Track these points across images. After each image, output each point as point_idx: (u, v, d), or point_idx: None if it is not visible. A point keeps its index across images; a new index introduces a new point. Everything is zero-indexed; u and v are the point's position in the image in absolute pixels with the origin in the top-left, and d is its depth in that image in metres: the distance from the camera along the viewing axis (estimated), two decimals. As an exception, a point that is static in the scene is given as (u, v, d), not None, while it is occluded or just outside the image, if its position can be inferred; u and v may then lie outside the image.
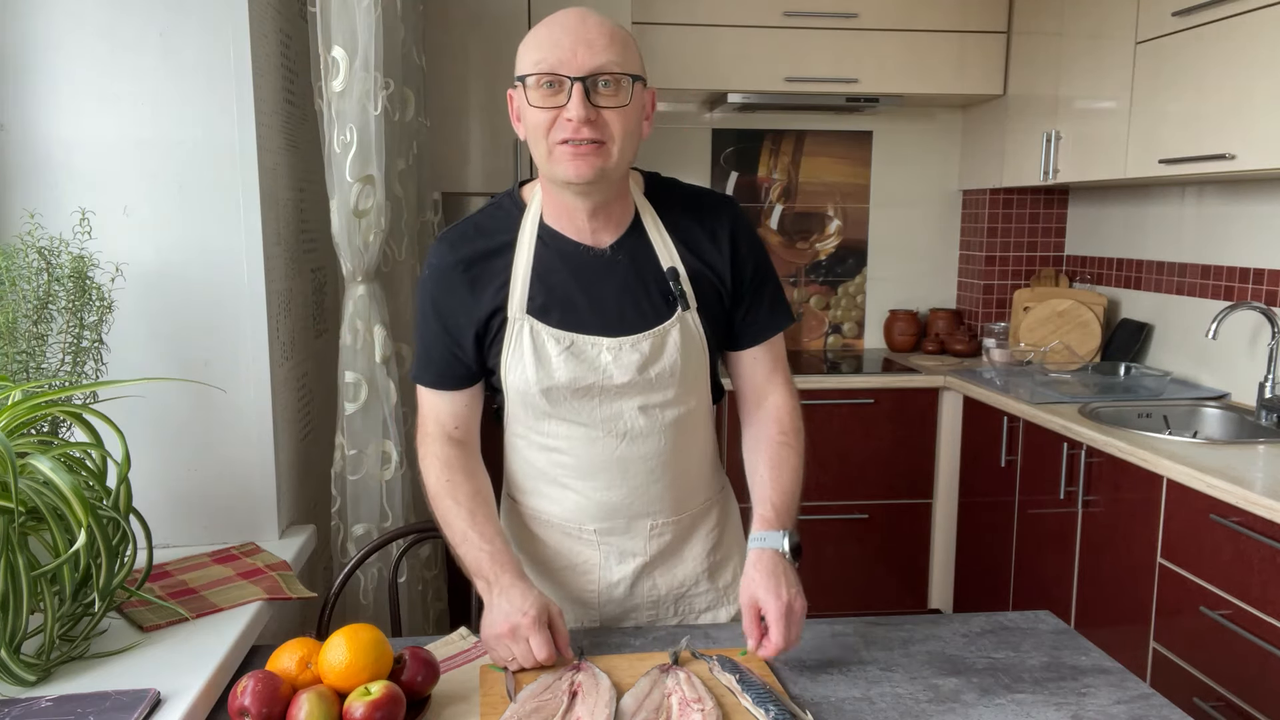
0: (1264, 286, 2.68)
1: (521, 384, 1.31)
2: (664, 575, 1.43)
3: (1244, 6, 2.30)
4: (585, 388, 1.30)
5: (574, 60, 1.17)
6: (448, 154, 3.07)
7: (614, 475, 1.35)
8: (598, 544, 1.40)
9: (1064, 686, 1.21)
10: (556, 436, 1.35)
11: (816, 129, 3.78)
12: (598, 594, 1.42)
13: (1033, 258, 3.74)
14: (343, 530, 1.94)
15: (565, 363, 1.28)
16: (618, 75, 1.18)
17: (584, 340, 1.29)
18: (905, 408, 3.29)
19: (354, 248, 1.86)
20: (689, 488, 1.41)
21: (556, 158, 1.20)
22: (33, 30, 1.52)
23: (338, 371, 1.90)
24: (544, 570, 1.43)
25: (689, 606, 1.46)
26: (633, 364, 1.29)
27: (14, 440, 1.17)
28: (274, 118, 1.73)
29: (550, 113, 1.19)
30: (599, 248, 1.31)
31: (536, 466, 1.39)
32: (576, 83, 1.16)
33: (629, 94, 1.20)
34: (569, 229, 1.31)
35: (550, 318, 1.29)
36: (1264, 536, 1.89)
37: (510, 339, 1.30)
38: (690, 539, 1.44)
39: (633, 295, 1.30)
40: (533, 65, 1.19)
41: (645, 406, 1.33)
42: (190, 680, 1.15)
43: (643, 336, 1.30)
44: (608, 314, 1.30)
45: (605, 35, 1.18)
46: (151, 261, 1.58)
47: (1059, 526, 2.66)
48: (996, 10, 3.40)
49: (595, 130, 1.18)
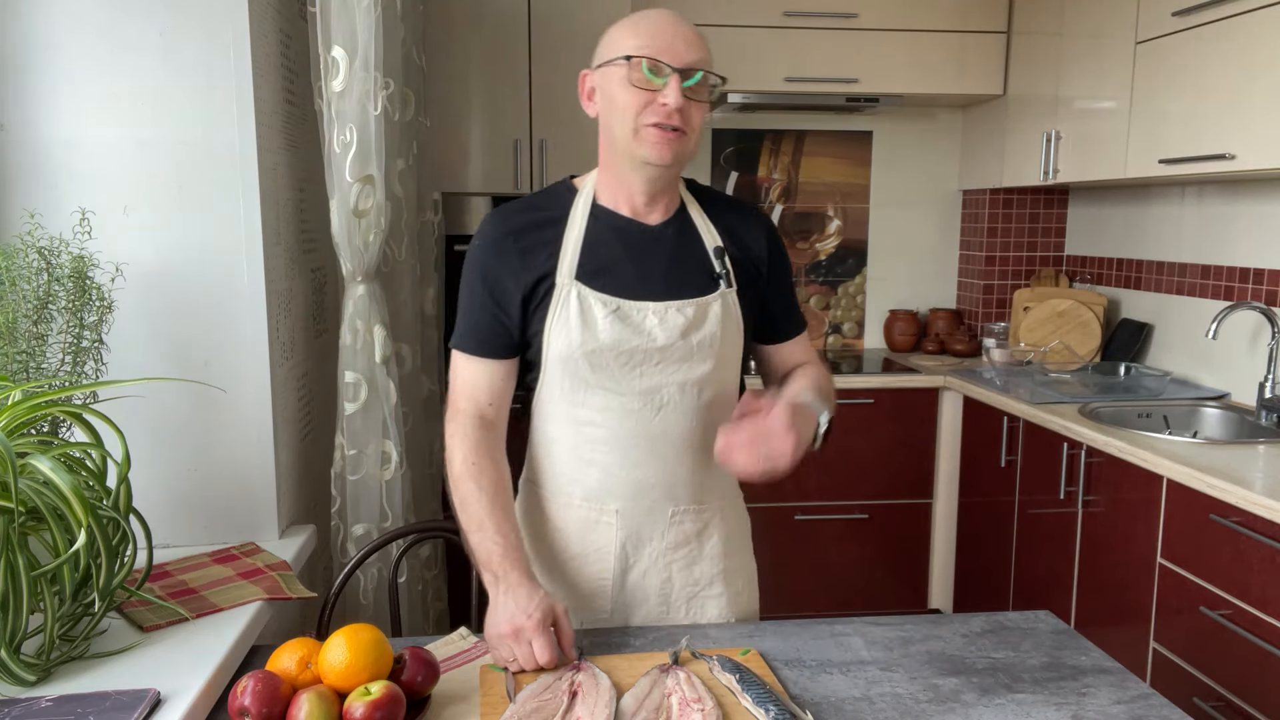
0: (1264, 286, 2.68)
1: (565, 348, 1.34)
2: (681, 569, 1.43)
3: (1244, 6, 2.30)
4: (629, 351, 1.34)
5: (675, 52, 1.27)
6: (448, 154, 3.07)
7: (644, 451, 1.37)
8: (617, 526, 1.39)
9: (1064, 686, 1.21)
10: (592, 408, 1.37)
11: (816, 129, 3.78)
12: (611, 581, 1.41)
13: (1033, 258, 3.74)
14: (343, 530, 1.94)
15: (611, 325, 1.33)
16: (708, 74, 1.30)
17: (630, 304, 1.34)
18: (905, 408, 3.29)
19: (354, 248, 1.86)
20: (711, 478, 1.43)
21: (643, 138, 1.29)
22: (33, 30, 1.52)
23: (338, 371, 1.90)
24: (559, 558, 1.43)
25: (700, 609, 1.45)
26: (676, 327, 1.34)
27: (14, 440, 1.17)
28: (274, 118, 1.73)
29: (646, 95, 1.28)
30: (649, 224, 1.39)
31: (565, 443, 1.40)
32: (676, 73, 1.27)
33: (709, 93, 1.32)
34: (624, 207, 1.38)
35: (598, 283, 1.34)
36: (1264, 536, 1.89)
37: (557, 304, 1.34)
38: (708, 534, 1.44)
39: (680, 267, 1.38)
40: (637, 49, 1.28)
41: (684, 383, 1.36)
42: (190, 680, 1.15)
43: (687, 303, 1.36)
44: (654, 281, 1.36)
45: (698, 37, 1.32)
46: (151, 261, 1.58)
47: (1059, 526, 2.66)
48: (996, 10, 3.41)
49: (681, 119, 1.28)
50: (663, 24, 1.30)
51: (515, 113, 3.08)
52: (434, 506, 2.70)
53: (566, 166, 3.12)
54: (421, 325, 2.50)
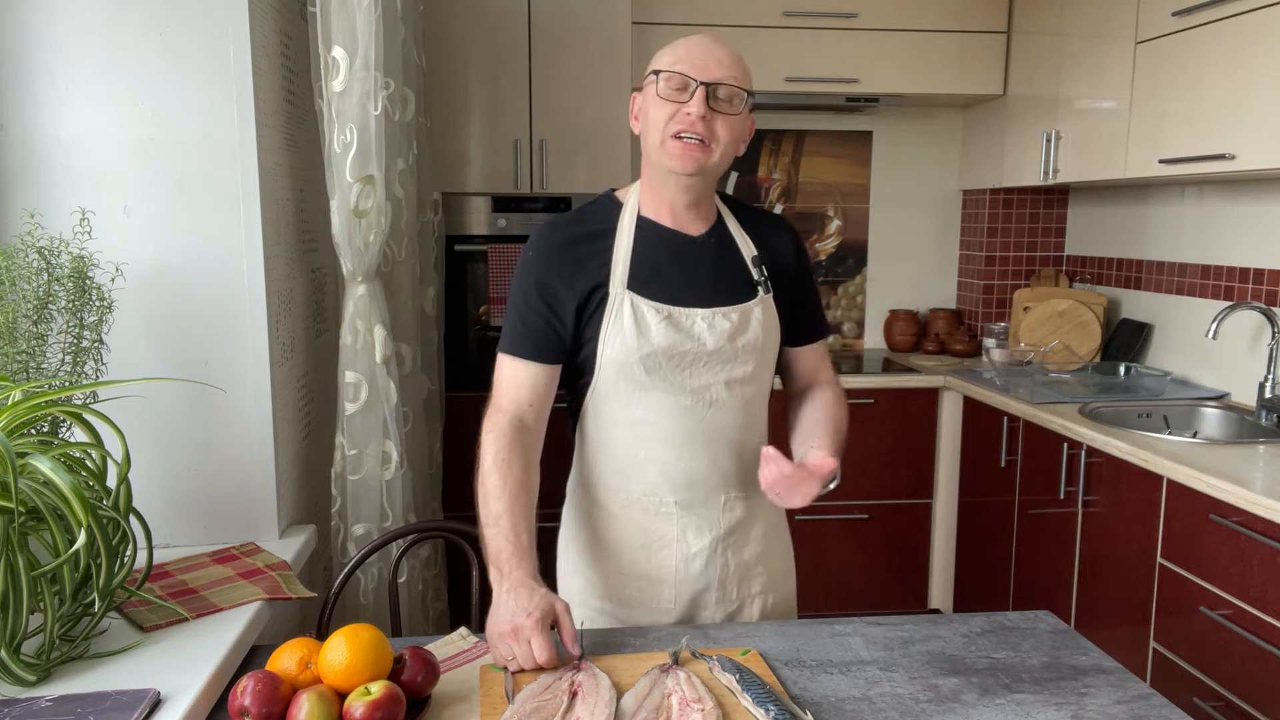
0: (1264, 286, 2.68)
1: (621, 354, 1.41)
2: (734, 553, 1.51)
3: (1244, 6, 2.30)
4: (680, 354, 1.42)
5: (704, 68, 1.35)
6: (448, 154, 3.07)
7: (698, 444, 1.45)
8: (677, 517, 1.47)
9: (1064, 686, 1.21)
10: (648, 408, 1.44)
11: (816, 129, 3.78)
12: (675, 569, 1.48)
13: (1033, 258, 3.74)
14: (343, 530, 1.94)
15: (663, 331, 1.41)
16: (735, 88, 1.37)
17: (680, 311, 1.42)
18: (905, 408, 3.29)
19: (354, 248, 1.86)
20: (752, 467, 1.49)
21: (668, 149, 1.37)
22: (33, 30, 1.52)
23: (338, 371, 1.90)
24: (623, 553, 1.49)
25: (748, 588, 1.53)
26: (724, 331, 1.43)
27: (14, 440, 1.17)
28: (274, 118, 1.73)
29: (673, 107, 1.36)
30: (692, 234, 1.47)
31: (623, 443, 1.46)
32: (701, 86, 1.34)
33: (741, 105, 1.38)
34: (666, 218, 1.46)
35: (649, 291, 1.42)
36: (1264, 536, 1.89)
37: (611, 312, 1.41)
38: (755, 519, 1.53)
39: (724, 276, 1.46)
40: (669, 65, 1.37)
41: (730, 381, 1.45)
42: (190, 680, 1.15)
43: (733, 309, 1.45)
44: (702, 289, 1.44)
45: (732, 57, 1.38)
46: (151, 261, 1.58)
47: (1059, 526, 2.66)
48: (996, 10, 3.41)
49: (705, 129, 1.35)
50: (698, 44, 1.38)
51: (515, 113, 3.08)
52: (434, 506, 2.70)
53: (566, 166, 3.13)
54: (422, 325, 2.50)
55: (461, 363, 3.17)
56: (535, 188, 3.13)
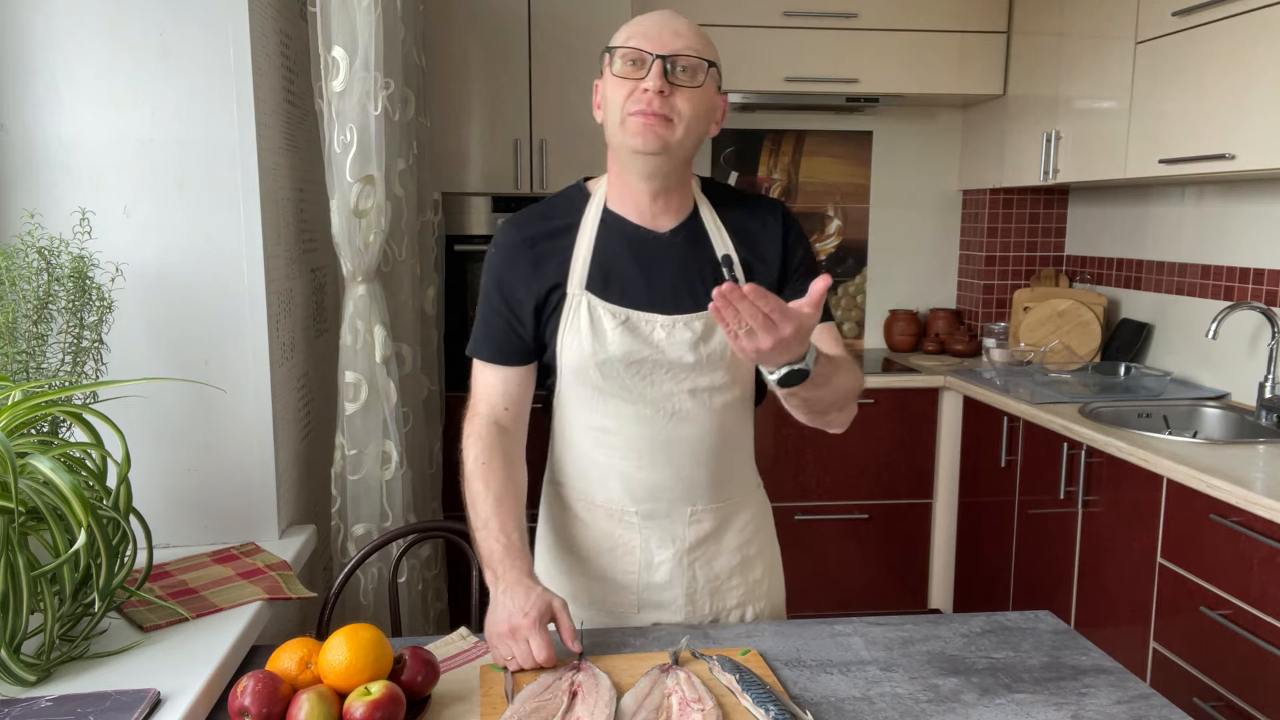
0: (1264, 286, 2.67)
1: (577, 358, 1.35)
2: (703, 565, 1.45)
3: (1244, 6, 2.30)
4: (638, 362, 1.34)
5: (659, 41, 1.27)
6: (448, 154, 3.07)
7: (659, 456, 1.38)
8: (639, 527, 1.42)
9: (1064, 686, 1.21)
10: (607, 415, 1.38)
11: (816, 129, 3.78)
12: (637, 576, 1.43)
13: (1033, 258, 3.74)
14: (343, 530, 1.94)
15: (620, 337, 1.33)
16: (695, 59, 1.28)
17: (639, 316, 1.34)
18: (905, 408, 3.29)
19: (354, 248, 1.86)
20: (729, 476, 1.44)
21: (628, 127, 1.28)
22: (33, 30, 1.52)
23: (338, 371, 1.90)
24: (587, 555, 1.45)
25: (722, 602, 1.47)
26: (685, 341, 1.34)
27: (14, 440, 1.17)
28: (274, 118, 1.73)
29: (630, 84, 1.28)
30: (659, 231, 1.37)
31: (584, 449, 1.42)
32: (657, 60, 1.26)
33: (703, 77, 1.29)
34: (632, 213, 1.37)
35: (608, 293, 1.35)
36: (1264, 536, 1.89)
37: (568, 313, 1.35)
38: (727, 529, 1.46)
39: (688, 278, 1.36)
40: (622, 40, 1.30)
41: (694, 390, 1.37)
42: (190, 680, 1.15)
43: (695, 316, 1.35)
44: (663, 293, 1.36)
45: (690, 28, 1.31)
46: (151, 261, 1.58)
47: (1059, 526, 2.66)
48: (996, 10, 3.40)
49: (666, 105, 1.26)
50: (652, 18, 1.31)
51: (515, 113, 3.08)
52: (434, 506, 2.70)
53: (566, 166, 3.12)
54: (421, 325, 2.50)
55: (461, 363, 3.14)
56: (535, 188, 3.13)
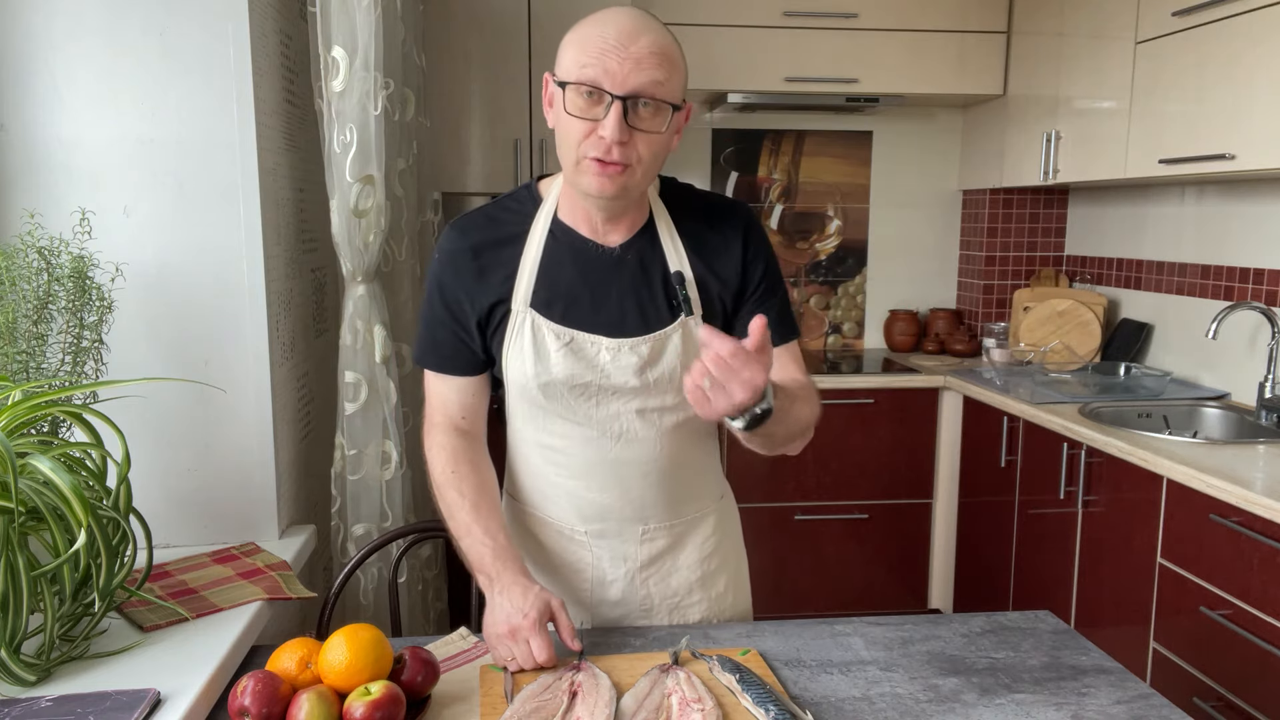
0: (1264, 286, 2.68)
1: (520, 377, 1.31)
2: (658, 583, 1.42)
3: (1244, 6, 2.30)
4: (582, 385, 1.29)
5: (619, 75, 1.13)
6: (448, 154, 3.07)
7: (607, 477, 1.35)
8: (590, 545, 1.40)
9: (1064, 686, 1.21)
10: (553, 434, 1.35)
11: (816, 129, 3.78)
12: (590, 594, 1.42)
13: (1033, 258, 3.74)
14: (343, 530, 1.94)
15: (564, 359, 1.28)
16: (659, 103, 1.16)
17: (584, 338, 1.28)
18: (905, 408, 3.29)
19: (354, 248, 1.86)
20: (684, 494, 1.41)
21: (582, 170, 1.19)
22: (33, 30, 1.51)
23: (338, 371, 1.90)
24: (542, 568, 1.43)
25: (682, 616, 1.45)
26: (630, 366, 1.28)
27: (14, 440, 1.17)
28: (274, 118, 1.73)
29: (586, 124, 1.16)
30: (608, 246, 1.31)
31: (533, 464, 1.40)
32: (617, 101, 1.13)
33: (665, 121, 1.18)
34: (582, 226, 1.31)
35: (552, 312, 1.29)
36: (1264, 536, 1.89)
37: (512, 331, 1.30)
38: (684, 545, 1.43)
39: (637, 297, 1.30)
40: (577, 70, 1.15)
41: (643, 410, 1.32)
42: (190, 680, 1.15)
43: (642, 340, 1.29)
44: (610, 313, 1.29)
45: (655, 55, 1.15)
46: (151, 261, 1.58)
47: (1059, 526, 2.66)
48: (996, 10, 3.40)
49: (624, 153, 1.16)
50: (612, 39, 1.14)
51: (515, 113, 3.08)
52: (434, 507, 2.70)
53: (566, 166, 3.12)
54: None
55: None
56: (535, 188, 3.13)
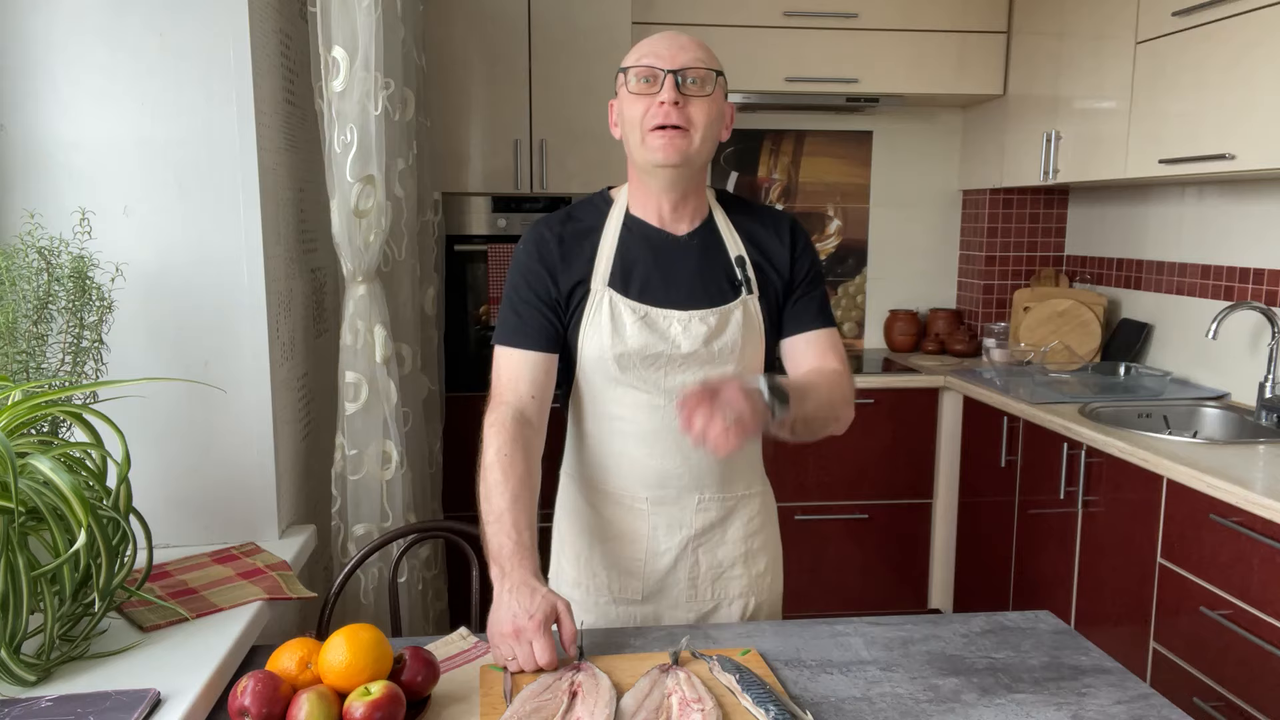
0: (1264, 286, 2.68)
1: (597, 350, 1.43)
2: (706, 554, 1.51)
3: (1244, 6, 2.30)
4: (654, 355, 1.42)
5: (670, 57, 1.37)
6: (448, 154, 3.07)
7: (670, 444, 1.45)
8: (648, 514, 1.48)
9: (1064, 686, 1.21)
10: (622, 404, 1.45)
11: (816, 129, 3.78)
12: (644, 563, 1.50)
13: (1033, 258, 3.74)
14: (343, 530, 1.94)
15: (639, 331, 1.42)
16: (704, 70, 1.38)
17: (657, 312, 1.43)
18: (905, 408, 3.29)
19: (354, 248, 1.86)
20: (736, 469, 1.51)
21: (649, 143, 1.38)
22: (33, 30, 1.52)
23: (338, 371, 1.90)
24: (597, 539, 1.51)
25: (724, 590, 1.53)
26: (699, 335, 1.42)
27: (14, 440, 1.17)
28: (274, 118, 1.73)
29: (646, 100, 1.37)
30: (676, 233, 1.47)
31: (597, 437, 1.49)
32: (669, 74, 1.36)
33: (712, 87, 1.39)
34: (652, 217, 1.47)
35: (629, 290, 1.44)
36: (1264, 536, 1.89)
37: (591, 308, 1.43)
38: (732, 520, 1.52)
39: (703, 277, 1.46)
40: (635, 60, 1.39)
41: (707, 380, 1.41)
42: (190, 680, 1.15)
43: (710, 311, 1.44)
44: (680, 291, 1.44)
45: (695, 43, 1.41)
46: (151, 261, 1.58)
47: (1059, 526, 2.66)
48: (996, 10, 3.41)
49: (681, 116, 1.36)
50: (658, 37, 1.40)
51: (515, 113, 3.08)
52: (434, 506, 2.70)
53: (566, 166, 3.13)
54: (422, 325, 2.50)
55: (461, 363, 3.17)
56: (535, 188, 3.13)
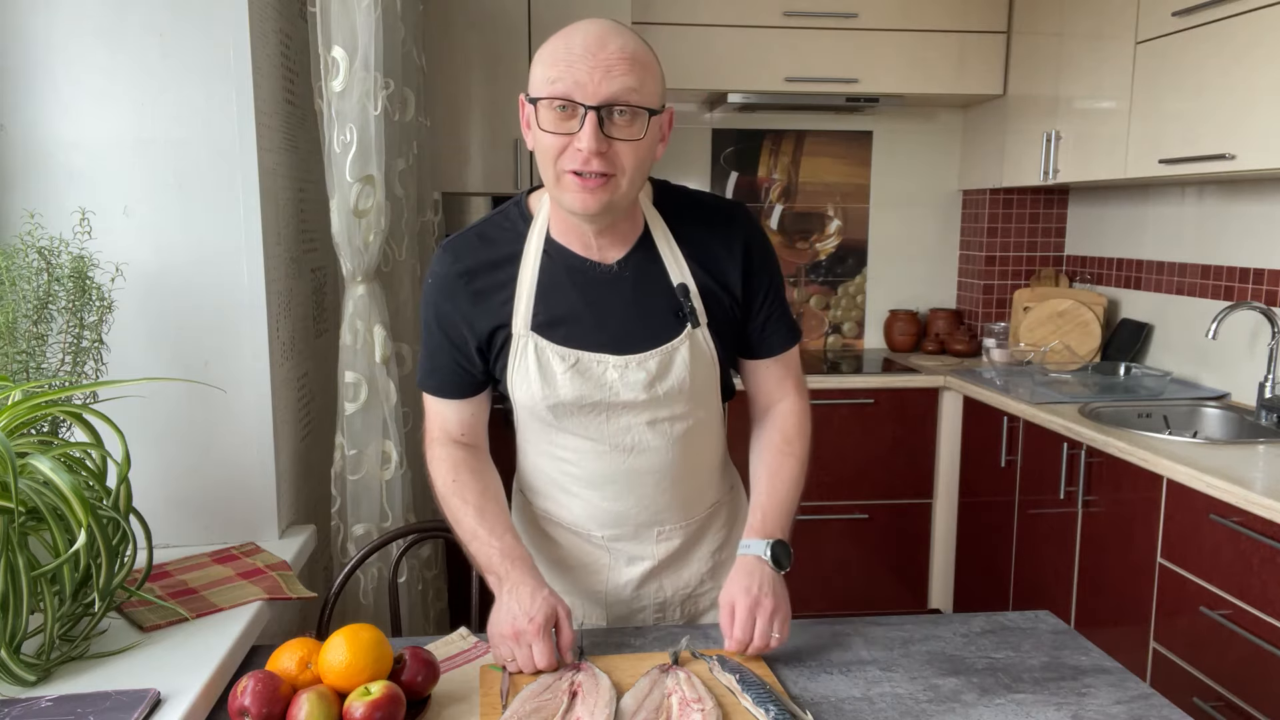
0: (1264, 286, 2.67)
1: (528, 400, 1.30)
2: (670, 578, 1.45)
3: (1244, 6, 2.30)
4: (592, 404, 1.28)
5: (590, 85, 1.10)
6: (448, 154, 3.07)
7: (621, 487, 1.35)
8: (607, 548, 1.41)
9: (1064, 686, 1.21)
10: (565, 448, 1.35)
11: (816, 129, 3.78)
12: (605, 594, 1.44)
13: (1033, 258, 3.74)
14: (343, 530, 1.94)
15: (571, 380, 1.26)
16: (634, 109, 1.13)
17: (589, 358, 1.26)
18: (905, 408, 3.29)
19: (354, 248, 1.86)
20: (697, 494, 1.42)
21: (564, 186, 1.16)
22: (33, 30, 1.51)
23: (338, 371, 1.90)
24: (555, 567, 1.44)
25: (694, 607, 1.48)
26: (639, 382, 1.27)
27: (14, 440, 1.17)
28: (274, 118, 1.73)
29: (561, 139, 1.13)
30: (605, 263, 1.28)
31: (546, 473, 1.40)
32: (590, 111, 1.10)
33: (644, 127, 1.14)
34: (575, 244, 1.28)
35: (555, 334, 1.26)
36: (1264, 536, 1.89)
37: (515, 355, 1.28)
38: (698, 542, 1.45)
39: (640, 311, 1.27)
40: (547, 85, 1.13)
41: (653, 421, 1.32)
42: (190, 680, 1.15)
43: (649, 355, 1.27)
44: (613, 331, 1.27)
45: (626, 60, 1.12)
46: (151, 261, 1.58)
47: (1059, 526, 2.66)
48: (996, 10, 3.40)
49: (605, 163, 1.13)
50: (582, 50, 1.11)
51: (515, 113, 3.05)
52: (434, 506, 2.69)
53: (566, 166, 3.12)
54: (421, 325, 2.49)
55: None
56: (535, 188, 3.13)
